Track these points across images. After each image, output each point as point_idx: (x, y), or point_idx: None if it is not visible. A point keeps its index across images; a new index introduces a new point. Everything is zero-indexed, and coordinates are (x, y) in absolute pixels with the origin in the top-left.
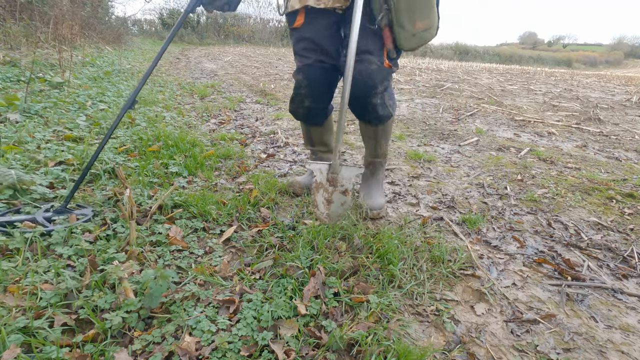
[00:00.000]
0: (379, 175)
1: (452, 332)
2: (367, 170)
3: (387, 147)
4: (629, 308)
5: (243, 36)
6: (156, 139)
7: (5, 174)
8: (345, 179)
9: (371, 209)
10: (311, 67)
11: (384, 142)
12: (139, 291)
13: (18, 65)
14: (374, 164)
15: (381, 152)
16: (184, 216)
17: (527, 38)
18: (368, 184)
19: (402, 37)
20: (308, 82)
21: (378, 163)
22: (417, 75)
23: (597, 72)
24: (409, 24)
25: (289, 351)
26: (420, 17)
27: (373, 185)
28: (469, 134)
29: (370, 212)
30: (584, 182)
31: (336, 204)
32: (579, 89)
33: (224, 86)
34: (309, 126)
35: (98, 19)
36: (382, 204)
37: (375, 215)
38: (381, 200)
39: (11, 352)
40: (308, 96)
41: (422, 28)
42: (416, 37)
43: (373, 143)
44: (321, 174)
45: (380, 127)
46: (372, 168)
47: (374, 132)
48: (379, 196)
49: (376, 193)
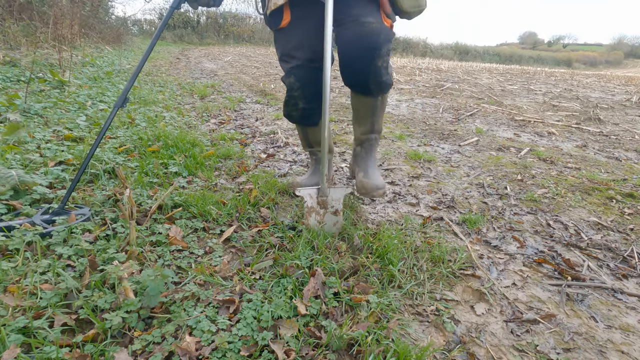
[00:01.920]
0: (374, 153)
1: (452, 332)
2: (361, 148)
3: (381, 122)
4: (629, 308)
5: (243, 36)
6: (156, 139)
7: (6, 175)
8: (335, 200)
9: (377, 188)
10: (302, 69)
11: (381, 115)
12: (139, 291)
13: (18, 65)
14: (370, 140)
15: (378, 127)
16: (184, 216)
17: (527, 38)
18: (365, 163)
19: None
20: (300, 84)
21: (374, 139)
22: (417, 75)
23: (597, 72)
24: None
25: (289, 351)
26: None
27: (370, 164)
28: (469, 134)
29: (376, 191)
30: (584, 182)
31: (329, 225)
32: (579, 89)
33: (224, 86)
34: (305, 127)
35: (98, 19)
36: (384, 184)
37: (380, 194)
38: (381, 179)
39: (11, 352)
40: (301, 98)
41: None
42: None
43: (370, 118)
44: (311, 198)
45: (379, 98)
46: (367, 145)
47: (372, 105)
48: (377, 175)
49: (375, 172)
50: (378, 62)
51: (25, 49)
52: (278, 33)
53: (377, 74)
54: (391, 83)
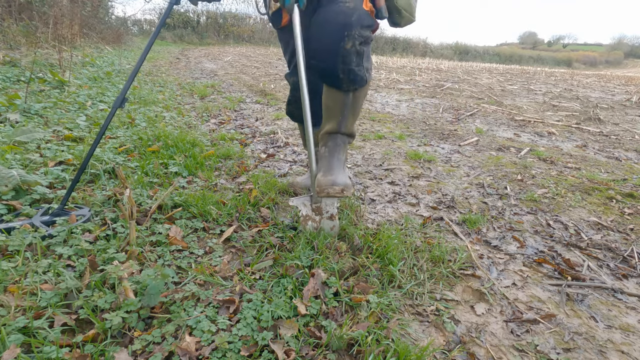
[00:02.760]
0: (340, 155)
1: (452, 332)
2: (325, 148)
3: (353, 126)
4: (629, 308)
5: (243, 36)
6: (156, 139)
7: (8, 175)
8: (329, 205)
9: (332, 184)
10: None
11: (352, 117)
12: (139, 291)
13: (18, 65)
14: (335, 139)
15: (345, 129)
16: (184, 216)
17: (527, 38)
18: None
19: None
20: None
21: (339, 140)
22: (417, 75)
23: (597, 72)
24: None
25: (289, 351)
26: None
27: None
28: (469, 134)
29: (331, 188)
30: (584, 182)
31: (326, 229)
32: (579, 88)
33: (224, 86)
34: None
35: (98, 19)
36: (348, 182)
37: (337, 192)
38: (345, 179)
39: (11, 352)
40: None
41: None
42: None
43: (338, 116)
44: (305, 206)
45: (349, 95)
46: (331, 145)
47: (341, 100)
48: (343, 175)
49: (338, 170)
50: (347, 44)
51: (25, 49)
52: (280, 32)
53: (345, 60)
54: (365, 79)
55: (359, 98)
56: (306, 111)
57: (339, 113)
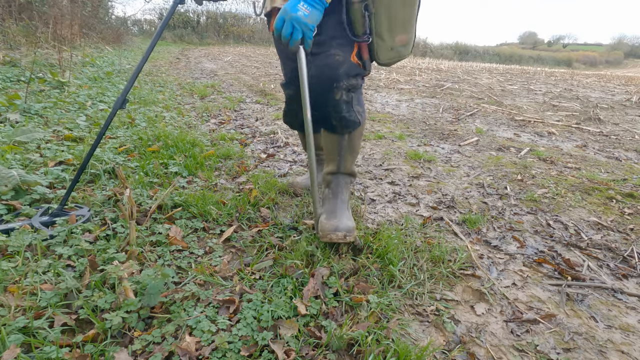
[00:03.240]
0: (344, 196)
1: (452, 332)
2: (329, 190)
3: (352, 165)
4: (629, 308)
5: (243, 36)
6: (156, 139)
7: (8, 175)
8: None
9: (335, 230)
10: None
11: (350, 157)
12: (139, 291)
13: (18, 65)
14: (337, 180)
15: (345, 169)
16: (184, 216)
17: (527, 38)
18: (331, 204)
19: (381, 49)
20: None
21: (342, 180)
22: (417, 75)
23: (597, 72)
24: (389, 36)
25: (289, 351)
26: (401, 30)
27: (337, 207)
28: (469, 134)
29: (334, 233)
30: (584, 182)
31: None
32: (579, 88)
33: (224, 86)
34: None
35: (98, 19)
36: (350, 226)
37: (340, 237)
38: (349, 222)
39: (11, 352)
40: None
41: (401, 43)
42: (394, 51)
43: (336, 157)
44: None
45: (344, 138)
46: (334, 186)
47: (337, 143)
48: (346, 218)
49: (342, 213)
50: (336, 95)
51: (25, 49)
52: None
53: (336, 109)
54: (358, 122)
55: (355, 138)
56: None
57: (337, 154)
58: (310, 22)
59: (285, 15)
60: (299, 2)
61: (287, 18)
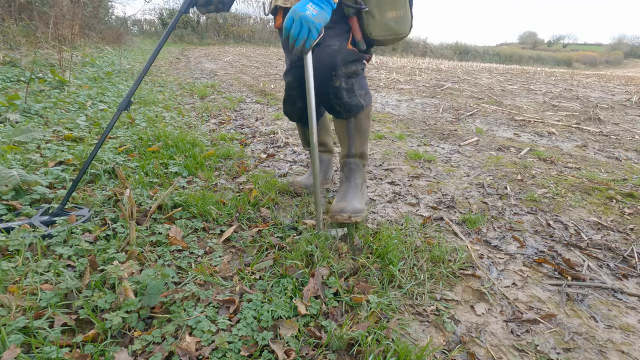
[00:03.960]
0: (356, 179)
1: (452, 332)
2: (342, 172)
3: (363, 147)
4: (629, 308)
5: (243, 36)
6: (156, 139)
7: (8, 175)
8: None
9: (341, 211)
10: (300, 69)
11: (359, 139)
12: (139, 291)
13: (18, 65)
14: (348, 164)
15: (355, 151)
16: (184, 216)
17: (527, 38)
18: (343, 187)
19: (372, 25)
20: (298, 83)
21: (353, 164)
22: (417, 75)
23: (597, 72)
24: (378, 12)
25: (289, 351)
26: (390, 7)
27: (349, 190)
28: (469, 134)
29: (339, 214)
30: (584, 182)
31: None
32: (579, 88)
33: (224, 86)
34: (305, 127)
35: (98, 19)
36: (358, 208)
37: (345, 218)
38: (356, 205)
39: (11, 352)
40: (300, 97)
41: (392, 17)
42: (386, 26)
43: (346, 141)
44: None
45: (351, 121)
46: (346, 170)
47: (344, 127)
48: (356, 201)
49: (352, 197)
50: (336, 82)
51: (25, 49)
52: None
53: (337, 95)
54: (360, 105)
55: (361, 120)
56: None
57: (346, 137)
58: (317, 21)
59: (295, 15)
60: (307, 2)
61: (296, 17)
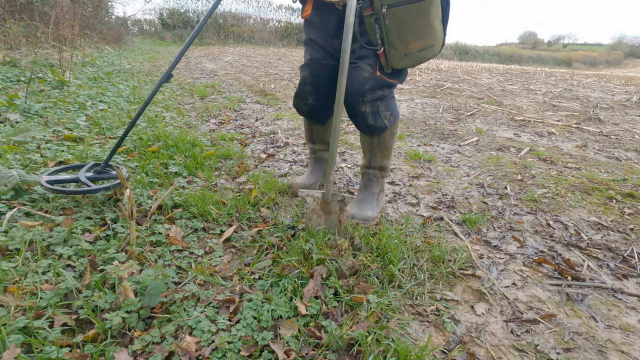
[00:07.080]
0: (373, 189)
1: (452, 331)
2: (361, 180)
3: (384, 162)
4: (629, 308)
5: (243, 36)
6: (156, 139)
7: (8, 175)
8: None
9: (352, 217)
10: (319, 65)
11: (380, 154)
12: (139, 291)
13: (18, 65)
14: (367, 175)
15: (375, 164)
16: (184, 216)
17: (527, 38)
18: (361, 195)
19: (394, 56)
20: (313, 79)
21: (372, 175)
22: (417, 75)
23: (597, 72)
24: (400, 44)
25: (289, 351)
26: (414, 38)
27: (365, 198)
28: (469, 134)
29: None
30: (584, 182)
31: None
32: (579, 88)
33: (224, 86)
34: (312, 123)
35: (98, 19)
36: (368, 216)
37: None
38: (369, 213)
39: (11, 352)
40: (312, 94)
41: (417, 48)
42: (409, 56)
43: (368, 153)
44: (314, 201)
45: (375, 138)
46: (365, 179)
47: (368, 142)
48: (369, 209)
49: (367, 205)
50: (362, 107)
51: (26, 49)
52: (304, 20)
53: (363, 118)
54: (384, 127)
55: (384, 139)
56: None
57: (368, 151)
58: None
59: None
60: None
61: None
